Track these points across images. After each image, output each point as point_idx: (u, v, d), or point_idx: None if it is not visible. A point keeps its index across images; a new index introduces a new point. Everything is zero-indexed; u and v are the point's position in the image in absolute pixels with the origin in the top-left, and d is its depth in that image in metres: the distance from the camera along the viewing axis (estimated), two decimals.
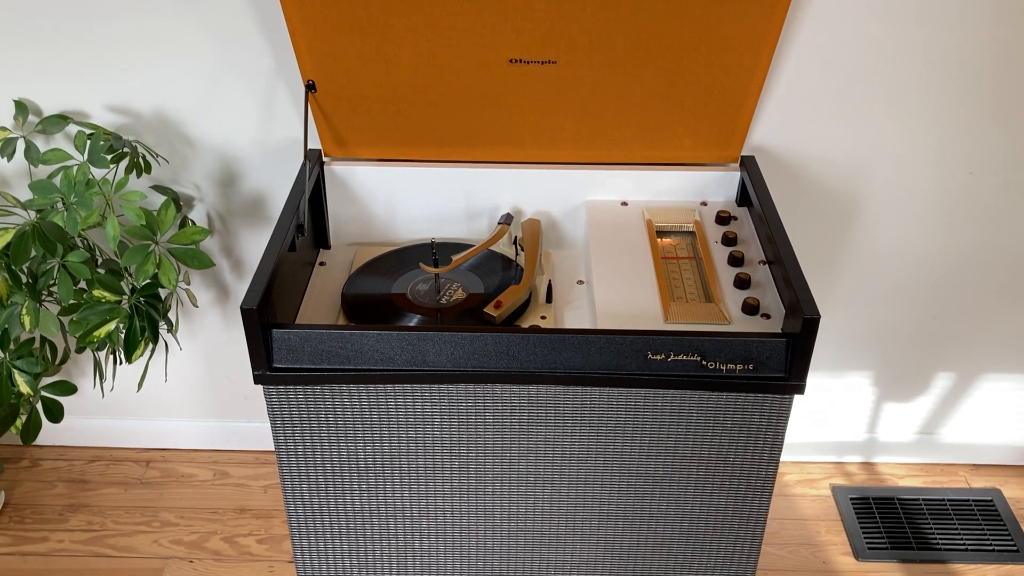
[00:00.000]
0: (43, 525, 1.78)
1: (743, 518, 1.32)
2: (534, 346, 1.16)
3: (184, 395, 1.89)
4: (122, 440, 1.95)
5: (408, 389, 1.20)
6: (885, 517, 1.80)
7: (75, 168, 1.35)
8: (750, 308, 1.24)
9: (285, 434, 1.24)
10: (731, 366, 1.17)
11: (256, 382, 1.18)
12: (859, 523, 1.79)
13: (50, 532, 1.77)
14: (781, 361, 1.16)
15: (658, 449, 1.25)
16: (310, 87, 1.35)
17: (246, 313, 1.13)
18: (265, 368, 1.17)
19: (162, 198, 1.49)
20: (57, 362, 1.55)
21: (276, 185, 1.60)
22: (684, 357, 1.16)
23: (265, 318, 1.15)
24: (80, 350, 1.49)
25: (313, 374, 1.18)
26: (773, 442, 1.24)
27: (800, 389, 1.17)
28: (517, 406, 1.21)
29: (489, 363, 1.17)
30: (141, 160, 1.43)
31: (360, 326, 1.17)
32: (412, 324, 1.29)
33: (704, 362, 1.16)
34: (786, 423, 1.22)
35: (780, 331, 1.19)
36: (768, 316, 1.24)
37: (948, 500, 1.84)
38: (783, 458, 1.93)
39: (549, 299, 1.36)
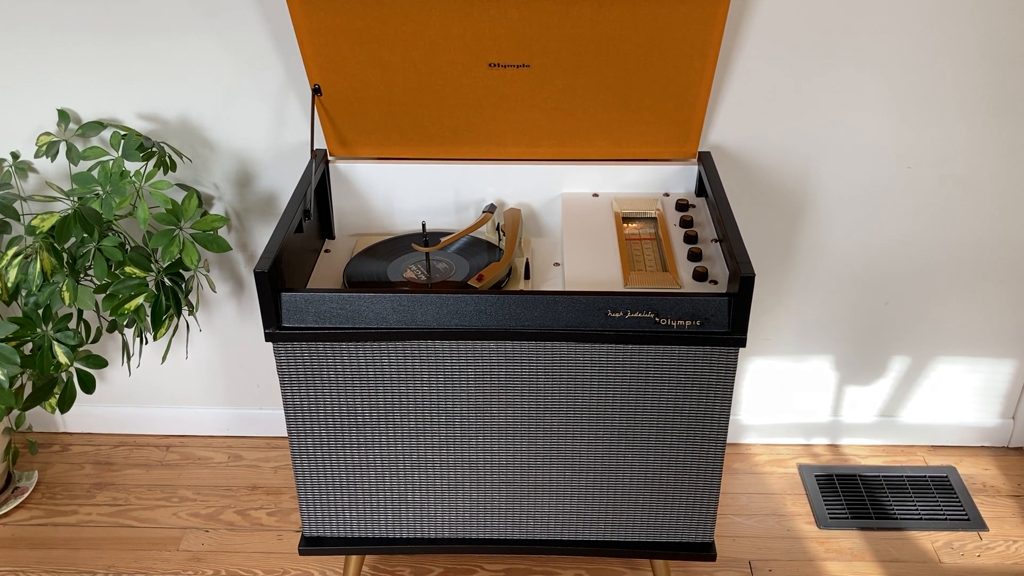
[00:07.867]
0: (72, 500, 1.95)
1: (701, 467, 1.47)
2: (509, 306, 1.34)
3: (201, 384, 2.06)
4: (144, 427, 2.12)
5: (400, 346, 1.37)
6: (847, 491, 1.94)
7: (111, 162, 1.55)
8: (700, 275, 1.41)
9: (292, 388, 1.41)
10: (681, 322, 1.33)
11: (267, 340, 1.35)
12: (822, 496, 1.93)
13: (79, 506, 1.93)
14: (724, 317, 1.33)
15: (621, 401, 1.41)
16: (316, 91, 1.54)
17: (259, 276, 1.31)
18: (275, 327, 1.35)
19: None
20: (90, 340, 1.72)
21: (287, 184, 1.79)
22: (640, 314, 1.33)
23: (276, 283, 1.33)
24: (111, 329, 1.67)
25: (317, 332, 1.35)
26: (723, 394, 1.40)
27: (742, 342, 1.34)
28: (494, 361, 1.38)
29: (470, 321, 1.34)
30: (168, 159, 1.62)
31: (358, 289, 1.35)
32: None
33: (657, 319, 1.33)
34: (733, 376, 1.39)
35: (724, 292, 1.36)
36: (716, 282, 1.41)
37: (906, 477, 1.98)
38: (753, 440, 2.08)
39: (527, 276, 1.53)
